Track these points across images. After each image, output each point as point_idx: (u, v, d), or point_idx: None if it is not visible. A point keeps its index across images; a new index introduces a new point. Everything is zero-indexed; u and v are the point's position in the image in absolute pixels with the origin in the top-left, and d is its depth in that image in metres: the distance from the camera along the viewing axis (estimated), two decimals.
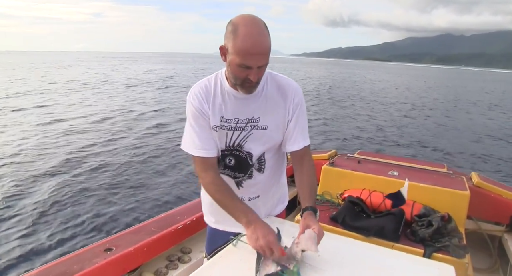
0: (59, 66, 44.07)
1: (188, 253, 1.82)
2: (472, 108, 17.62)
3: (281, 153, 1.32)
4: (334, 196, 2.27)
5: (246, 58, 1.01)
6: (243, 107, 1.18)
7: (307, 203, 1.16)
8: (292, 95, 1.20)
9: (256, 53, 1.00)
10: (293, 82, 1.24)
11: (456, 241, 1.76)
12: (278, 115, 1.20)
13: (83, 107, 12.93)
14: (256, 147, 1.22)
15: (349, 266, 0.95)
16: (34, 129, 9.23)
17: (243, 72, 1.05)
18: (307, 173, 1.24)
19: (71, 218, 4.17)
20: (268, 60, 1.05)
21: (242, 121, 1.18)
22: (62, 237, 3.74)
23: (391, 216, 1.88)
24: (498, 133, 11.16)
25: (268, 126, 1.20)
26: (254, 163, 1.25)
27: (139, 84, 22.10)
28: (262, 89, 1.18)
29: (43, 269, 1.32)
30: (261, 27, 1.01)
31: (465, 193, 1.97)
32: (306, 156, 1.26)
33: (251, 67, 1.03)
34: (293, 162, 1.29)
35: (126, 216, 4.26)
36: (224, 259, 1.08)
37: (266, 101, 1.18)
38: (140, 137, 8.52)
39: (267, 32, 1.03)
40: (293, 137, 1.22)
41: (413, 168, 2.43)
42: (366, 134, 9.89)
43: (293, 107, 1.20)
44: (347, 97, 19.19)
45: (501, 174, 6.63)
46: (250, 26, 1.00)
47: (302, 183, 1.23)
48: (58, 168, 6.02)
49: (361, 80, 36.89)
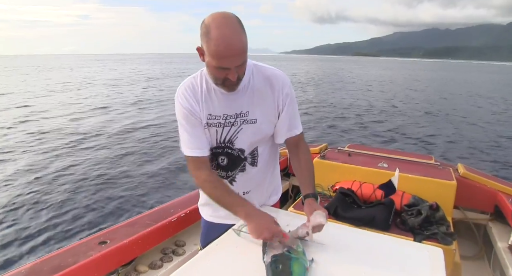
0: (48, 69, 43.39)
1: (182, 246, 1.83)
2: (459, 99, 17.96)
3: (274, 146, 1.33)
4: (325, 188, 2.30)
5: (221, 61, 0.99)
6: (231, 102, 1.16)
7: (308, 190, 1.19)
8: (280, 86, 1.18)
9: (231, 55, 0.98)
10: (280, 72, 1.21)
11: (444, 229, 1.81)
12: (267, 107, 1.19)
13: (78, 101, 12.92)
14: (247, 141, 1.21)
15: (342, 250, 0.98)
16: (27, 119, 9.21)
17: (221, 73, 1.03)
18: (304, 160, 1.26)
19: (65, 212, 4.18)
20: (245, 57, 1.03)
21: (231, 117, 1.17)
22: (57, 231, 3.75)
23: (381, 206, 1.92)
24: (484, 124, 11.40)
25: (258, 119, 1.19)
26: (246, 157, 1.25)
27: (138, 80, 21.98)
28: (249, 82, 1.16)
29: (38, 262, 1.32)
30: (233, 27, 0.98)
31: (452, 183, 2.03)
32: (301, 143, 1.28)
33: (228, 68, 1.01)
34: (289, 150, 1.30)
35: (120, 210, 4.27)
36: (220, 246, 1.09)
37: (254, 94, 1.17)
38: (134, 132, 8.55)
39: (241, 30, 0.99)
40: (286, 126, 1.24)
41: (402, 160, 2.48)
42: (356, 128, 10.03)
43: (283, 98, 1.19)
44: (336, 92, 19.36)
45: (486, 164, 6.81)
46: (221, 27, 0.96)
47: (300, 170, 1.25)
48: (52, 162, 6.00)
49: (350, 75, 37.22)
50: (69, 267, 1.28)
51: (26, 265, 1.30)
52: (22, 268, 1.28)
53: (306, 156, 1.27)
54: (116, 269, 1.51)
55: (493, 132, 10.08)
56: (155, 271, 1.61)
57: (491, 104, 16.50)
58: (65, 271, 1.25)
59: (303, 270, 0.91)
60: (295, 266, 0.91)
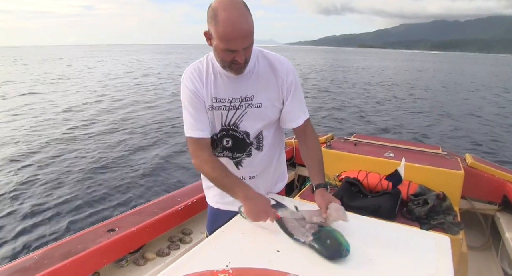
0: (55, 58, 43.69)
1: (189, 234, 1.85)
2: (467, 91, 17.71)
3: (280, 130, 1.34)
4: (331, 178, 2.30)
5: (229, 43, 1.01)
6: (236, 86, 1.18)
7: (318, 180, 1.20)
8: (285, 73, 1.20)
9: (239, 36, 1.00)
10: (284, 59, 1.23)
11: (451, 218, 1.80)
12: (272, 92, 1.21)
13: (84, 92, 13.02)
14: (252, 125, 1.23)
15: (349, 236, 0.98)
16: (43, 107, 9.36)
17: (229, 55, 1.06)
18: (312, 147, 1.27)
19: (74, 200, 4.25)
20: (252, 40, 1.04)
21: (236, 100, 1.19)
22: (66, 218, 3.82)
23: (387, 195, 1.91)
24: (491, 115, 11.27)
25: (263, 103, 1.20)
26: (252, 141, 1.26)
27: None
28: (254, 66, 1.19)
29: (49, 248, 1.35)
30: (240, 9, 1.00)
31: (459, 173, 2.02)
32: (308, 129, 1.29)
33: (236, 50, 1.03)
34: (297, 137, 1.31)
35: (128, 199, 4.34)
36: (227, 233, 1.10)
37: (258, 79, 1.19)
38: (143, 122, 8.62)
39: (248, 13, 1.02)
40: (292, 113, 1.24)
41: (409, 149, 2.46)
42: (361, 118, 9.98)
43: (288, 86, 1.21)
44: (342, 83, 19.22)
45: (494, 155, 6.75)
46: (229, 9, 0.99)
47: (310, 159, 1.26)
48: (62, 151, 6.08)
49: (356, 66, 36.84)
50: (79, 254, 1.31)
51: (37, 251, 1.33)
52: (34, 254, 1.31)
53: (314, 144, 1.28)
54: (124, 256, 1.54)
55: (502, 123, 9.96)
56: (162, 258, 1.63)
57: (499, 96, 16.25)
58: (75, 257, 1.28)
59: (344, 238, 0.96)
60: (339, 236, 0.96)
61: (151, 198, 2.86)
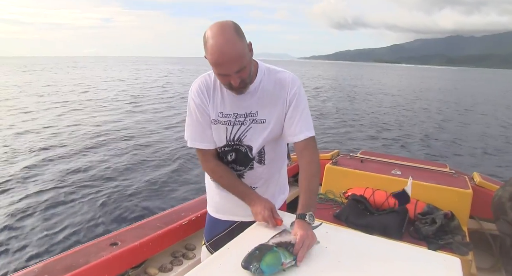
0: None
1: (192, 250, 1.82)
2: (480, 109, 17.59)
3: (282, 145, 1.35)
4: (337, 195, 2.28)
5: (219, 68, 1.06)
6: (241, 102, 1.21)
7: (301, 209, 1.12)
8: (289, 87, 1.21)
9: (226, 62, 1.03)
10: (290, 74, 1.25)
11: (460, 238, 1.77)
12: (276, 109, 1.22)
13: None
14: (256, 140, 1.25)
15: (355, 257, 0.95)
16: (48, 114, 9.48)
17: (223, 79, 1.10)
18: (304, 172, 1.20)
19: (77, 213, 4.22)
20: (243, 63, 1.05)
21: (240, 116, 1.22)
22: (68, 231, 3.79)
23: (394, 213, 1.89)
24: (501, 133, 11.15)
25: (267, 119, 1.22)
26: (254, 156, 1.28)
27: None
28: (260, 83, 1.21)
29: (50, 261, 1.33)
30: (228, 35, 1.02)
31: (467, 192, 1.98)
32: (309, 147, 1.21)
33: (228, 74, 1.07)
34: (296, 153, 1.25)
35: (131, 212, 4.31)
36: (232, 250, 1.08)
37: (264, 96, 1.21)
38: (148, 135, 8.62)
39: (236, 37, 1.03)
40: (292, 128, 1.21)
41: (416, 167, 2.44)
42: (368, 134, 9.91)
43: (290, 98, 1.21)
44: (351, 98, 19.24)
45: (502, 174, 6.64)
46: (216, 37, 1.02)
47: (300, 183, 1.20)
48: (64, 164, 6.09)
49: (368, 82, 36.90)
50: (80, 267, 1.29)
51: (38, 264, 1.31)
52: (34, 267, 1.29)
53: (308, 165, 1.19)
54: (126, 271, 1.51)
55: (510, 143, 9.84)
56: (165, 274, 1.60)
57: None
58: (77, 271, 1.26)
59: (276, 263, 0.93)
60: (269, 256, 0.95)
61: (155, 212, 2.84)
